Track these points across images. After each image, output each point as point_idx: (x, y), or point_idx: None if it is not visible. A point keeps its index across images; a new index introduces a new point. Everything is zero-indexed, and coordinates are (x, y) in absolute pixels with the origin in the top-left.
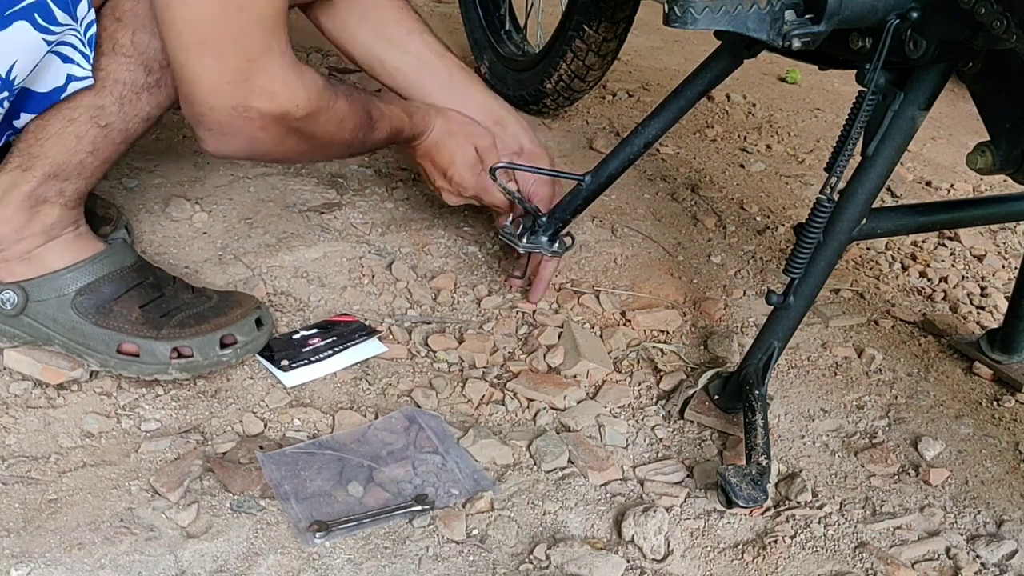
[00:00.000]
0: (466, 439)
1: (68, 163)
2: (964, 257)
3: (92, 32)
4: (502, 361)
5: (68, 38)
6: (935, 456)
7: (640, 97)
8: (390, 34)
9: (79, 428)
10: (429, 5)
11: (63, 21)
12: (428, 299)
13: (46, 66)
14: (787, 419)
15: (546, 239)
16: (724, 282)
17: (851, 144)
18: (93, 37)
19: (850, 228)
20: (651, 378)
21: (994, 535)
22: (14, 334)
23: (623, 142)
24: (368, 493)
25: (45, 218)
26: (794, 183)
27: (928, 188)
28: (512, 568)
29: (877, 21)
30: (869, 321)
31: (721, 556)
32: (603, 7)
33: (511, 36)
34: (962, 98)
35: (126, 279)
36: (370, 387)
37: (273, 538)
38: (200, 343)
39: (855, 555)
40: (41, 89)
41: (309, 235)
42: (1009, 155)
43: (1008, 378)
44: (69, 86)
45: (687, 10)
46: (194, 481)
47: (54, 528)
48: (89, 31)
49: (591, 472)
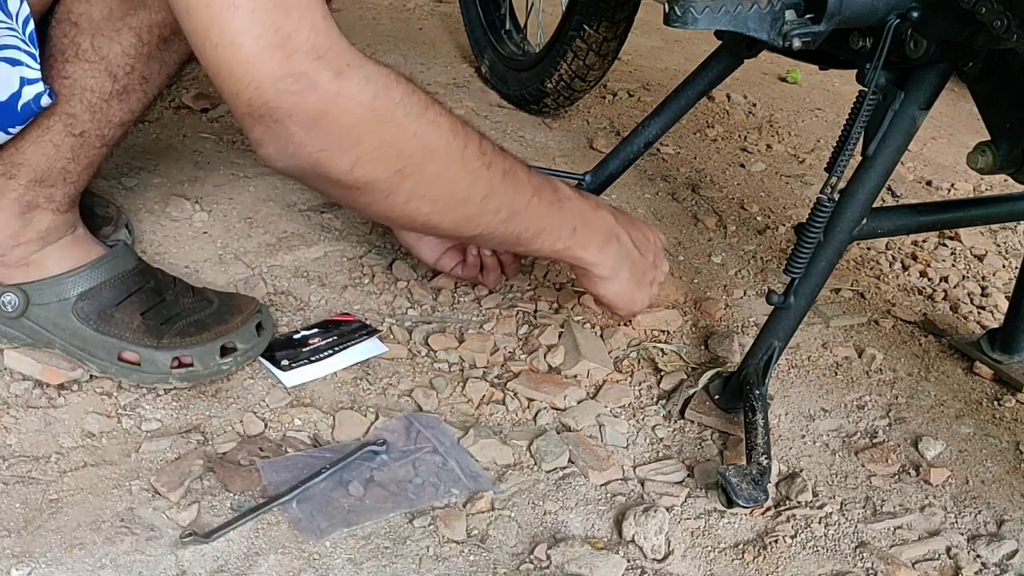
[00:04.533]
0: (466, 439)
1: (51, 169)
2: (965, 257)
3: (31, 29)
4: (502, 361)
5: (8, 39)
6: (936, 456)
7: (641, 97)
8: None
9: (80, 428)
10: (429, 5)
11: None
12: (429, 299)
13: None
14: (787, 419)
15: None
16: (725, 282)
17: (851, 144)
18: (33, 34)
19: (851, 228)
20: (651, 378)
21: (995, 535)
22: (15, 336)
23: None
24: (368, 493)
25: (39, 224)
26: (795, 183)
27: (928, 188)
28: (512, 568)
29: (877, 21)
30: (869, 321)
31: (722, 556)
32: (604, 7)
33: (511, 36)
34: (962, 98)
35: (127, 284)
36: (371, 387)
37: (273, 538)
38: (200, 352)
39: (855, 555)
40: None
41: (310, 234)
42: (1009, 155)
43: (1009, 378)
44: (24, 90)
45: (687, 10)
46: (195, 481)
47: (55, 528)
48: (28, 27)
49: (591, 472)
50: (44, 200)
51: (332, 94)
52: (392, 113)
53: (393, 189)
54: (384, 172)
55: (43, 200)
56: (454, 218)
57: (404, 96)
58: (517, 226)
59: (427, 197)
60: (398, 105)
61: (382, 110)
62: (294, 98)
